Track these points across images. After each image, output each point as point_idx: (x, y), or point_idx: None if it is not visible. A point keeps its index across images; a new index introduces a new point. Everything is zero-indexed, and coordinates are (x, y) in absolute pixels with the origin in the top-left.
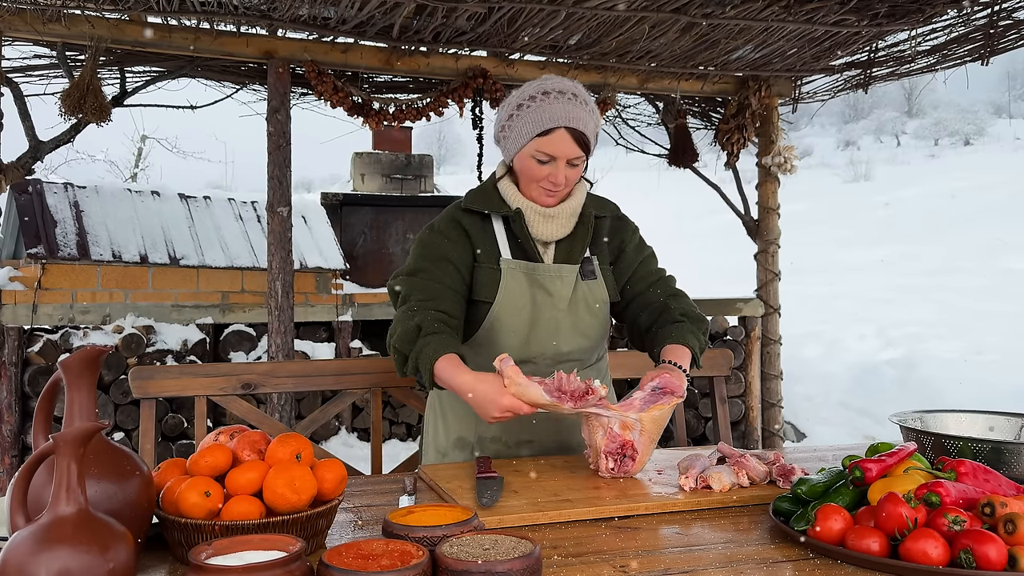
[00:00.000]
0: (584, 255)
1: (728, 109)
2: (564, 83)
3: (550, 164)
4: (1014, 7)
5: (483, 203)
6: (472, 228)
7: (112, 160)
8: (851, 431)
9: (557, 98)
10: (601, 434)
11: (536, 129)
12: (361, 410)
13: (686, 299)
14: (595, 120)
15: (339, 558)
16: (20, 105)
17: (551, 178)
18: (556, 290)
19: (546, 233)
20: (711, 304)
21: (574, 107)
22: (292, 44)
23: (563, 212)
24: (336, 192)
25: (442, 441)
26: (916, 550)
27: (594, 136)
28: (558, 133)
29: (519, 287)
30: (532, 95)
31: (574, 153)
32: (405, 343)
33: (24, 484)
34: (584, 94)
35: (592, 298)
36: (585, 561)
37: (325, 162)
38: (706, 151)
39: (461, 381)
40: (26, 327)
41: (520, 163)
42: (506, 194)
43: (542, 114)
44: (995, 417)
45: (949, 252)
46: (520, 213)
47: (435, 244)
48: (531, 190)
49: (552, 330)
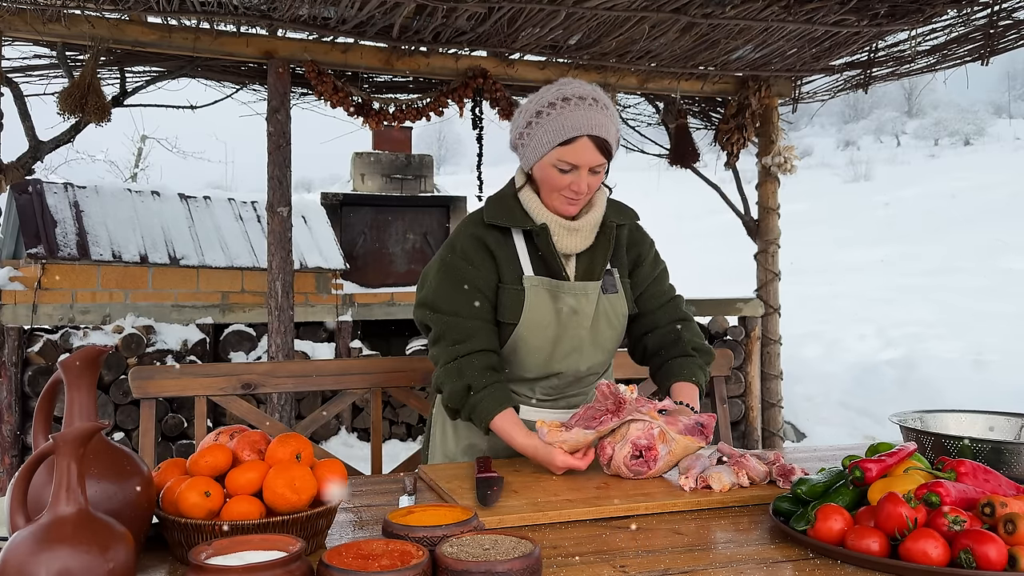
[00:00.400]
0: (605, 267)
1: (728, 109)
2: (584, 88)
3: (572, 173)
4: (1014, 7)
5: (506, 217)
6: (496, 247)
7: (112, 160)
8: (851, 431)
9: (578, 104)
10: (637, 426)
11: (558, 138)
12: (361, 410)
13: (695, 327)
14: (616, 124)
15: (339, 558)
16: (20, 105)
17: (573, 187)
18: (581, 307)
19: (570, 246)
20: (711, 304)
21: (595, 113)
22: (292, 44)
23: (587, 225)
24: (336, 192)
25: (451, 447)
26: (916, 550)
27: (616, 141)
28: (580, 142)
29: (543, 305)
30: (552, 101)
31: (597, 161)
32: (456, 401)
33: (24, 484)
34: (604, 98)
35: (613, 313)
36: (585, 561)
37: (325, 162)
38: (706, 151)
39: (518, 446)
40: (26, 327)
41: (541, 172)
42: (529, 206)
43: (563, 122)
44: (995, 417)
45: (949, 252)
46: (546, 228)
47: (460, 270)
48: (552, 199)
49: (575, 347)
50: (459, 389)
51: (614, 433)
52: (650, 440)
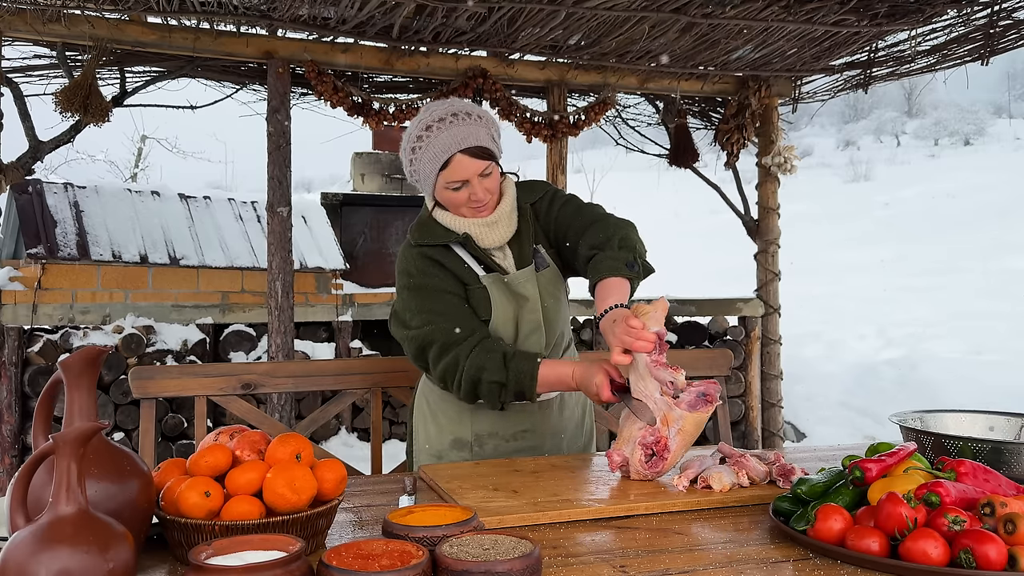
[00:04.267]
0: (532, 246)
1: (728, 109)
2: (437, 109)
3: (465, 187)
4: (1014, 7)
5: (431, 237)
6: (444, 260)
7: (112, 160)
8: (851, 431)
9: (440, 127)
10: (639, 426)
11: (435, 165)
12: (361, 410)
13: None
14: (486, 125)
15: (339, 558)
16: (20, 105)
17: (472, 197)
18: (530, 294)
19: (496, 240)
20: (711, 304)
21: (458, 128)
22: (292, 44)
23: (501, 216)
24: (336, 192)
25: (436, 443)
26: (916, 550)
27: (492, 140)
28: (456, 159)
29: (504, 298)
30: (419, 135)
31: (480, 168)
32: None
33: (24, 484)
34: (463, 107)
35: (552, 287)
36: (585, 561)
37: (325, 162)
38: (706, 151)
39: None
40: (26, 327)
41: (440, 197)
42: (446, 222)
43: (434, 149)
44: (995, 417)
45: (949, 252)
46: (468, 237)
47: (425, 285)
48: (462, 214)
49: (533, 329)
50: (496, 360)
51: (618, 438)
52: (655, 434)
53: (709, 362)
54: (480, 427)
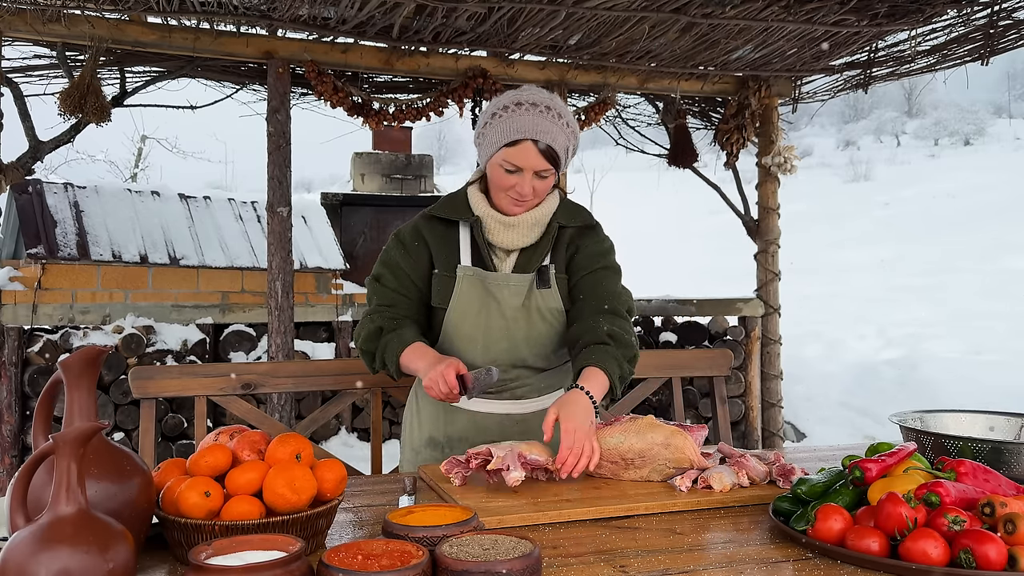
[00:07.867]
0: (543, 263)
1: (728, 109)
2: (539, 95)
3: (517, 174)
4: (1014, 7)
5: (449, 210)
6: (432, 237)
7: (112, 160)
8: (851, 431)
9: (528, 110)
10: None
11: (504, 139)
12: (361, 410)
13: (623, 323)
14: (567, 133)
15: (339, 558)
16: (20, 105)
17: (518, 188)
18: (504, 298)
19: (507, 241)
20: (711, 304)
21: (543, 120)
22: (292, 44)
23: (524, 221)
24: (336, 192)
25: (416, 439)
26: (916, 550)
27: (564, 150)
28: (524, 145)
29: (473, 293)
30: (506, 105)
31: (541, 165)
32: (370, 343)
33: (24, 484)
34: (559, 107)
35: (545, 307)
36: (585, 561)
37: (325, 162)
38: (706, 151)
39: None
40: (26, 327)
41: (490, 170)
42: (472, 201)
43: (511, 125)
44: (995, 417)
45: (949, 252)
46: (479, 221)
47: (392, 253)
48: (500, 198)
49: (504, 336)
50: (372, 331)
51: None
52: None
53: (709, 362)
54: (452, 429)
